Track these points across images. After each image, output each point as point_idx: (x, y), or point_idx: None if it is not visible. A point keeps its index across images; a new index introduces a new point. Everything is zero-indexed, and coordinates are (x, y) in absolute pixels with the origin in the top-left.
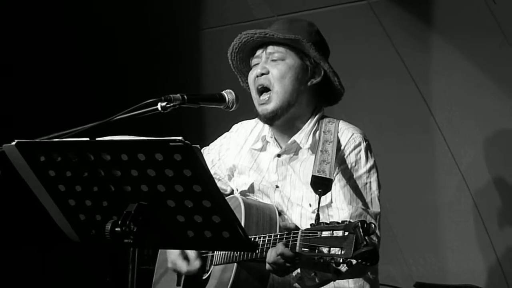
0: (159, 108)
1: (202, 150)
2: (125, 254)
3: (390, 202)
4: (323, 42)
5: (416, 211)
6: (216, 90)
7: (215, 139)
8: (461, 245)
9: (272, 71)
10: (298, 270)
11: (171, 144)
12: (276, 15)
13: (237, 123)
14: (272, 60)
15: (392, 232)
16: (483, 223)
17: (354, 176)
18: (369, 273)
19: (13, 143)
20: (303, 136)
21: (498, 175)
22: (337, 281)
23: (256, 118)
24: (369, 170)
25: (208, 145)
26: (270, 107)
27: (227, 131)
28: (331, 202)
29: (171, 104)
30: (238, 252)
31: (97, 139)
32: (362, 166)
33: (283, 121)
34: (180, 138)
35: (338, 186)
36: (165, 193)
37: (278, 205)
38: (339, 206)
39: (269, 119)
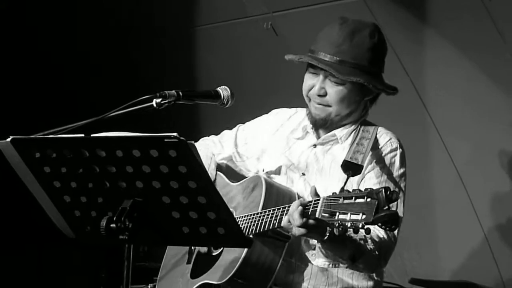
0: (154, 105)
1: (237, 127)
2: (120, 250)
3: None
4: (382, 55)
5: (412, 207)
6: (211, 86)
7: (210, 135)
8: (456, 241)
9: (331, 94)
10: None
11: (166, 140)
12: (271, 12)
13: (264, 113)
14: (330, 81)
15: None
16: (478, 219)
17: (385, 178)
18: (374, 275)
19: (8, 139)
20: (345, 133)
21: (493, 171)
22: (342, 278)
23: (297, 108)
24: (401, 176)
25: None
26: (324, 114)
27: (227, 128)
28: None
29: (166, 101)
30: (254, 225)
31: (92, 135)
32: (395, 170)
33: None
34: (175, 134)
35: (367, 184)
36: (160, 189)
37: (300, 192)
38: None
39: (319, 124)
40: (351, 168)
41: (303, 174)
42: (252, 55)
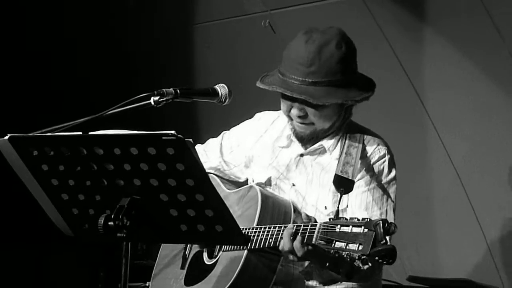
0: (152, 103)
1: (222, 134)
2: (119, 248)
3: None
4: (353, 61)
5: (410, 205)
6: (209, 84)
7: (208, 133)
8: (454, 239)
9: (311, 114)
10: (307, 263)
11: (163, 138)
12: (269, 9)
13: (260, 111)
14: (309, 103)
15: None
16: (476, 217)
17: (374, 186)
18: None
19: (6, 137)
20: (332, 143)
21: (491, 169)
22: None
23: (280, 111)
24: (389, 182)
25: (204, 137)
26: (309, 131)
27: (224, 125)
28: (347, 206)
29: (164, 99)
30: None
31: (89, 133)
32: (383, 177)
33: None
34: (172, 132)
35: (356, 192)
36: (158, 187)
37: (293, 202)
38: (355, 211)
39: (306, 140)
40: (343, 184)
41: (293, 184)
42: (250, 53)
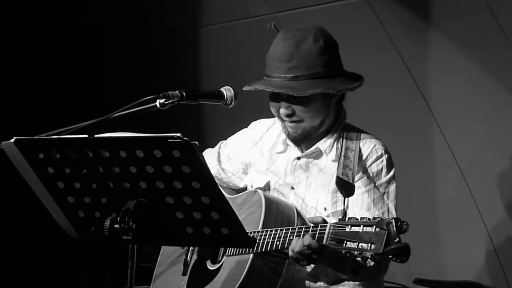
0: (158, 105)
1: (219, 144)
2: (124, 251)
3: None
4: (334, 53)
5: (415, 207)
6: (215, 87)
7: (214, 135)
8: (460, 240)
9: (298, 110)
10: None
11: (169, 140)
12: (275, 12)
13: (255, 120)
14: (293, 98)
15: None
16: (482, 218)
17: (373, 186)
18: None
19: (12, 140)
20: (328, 145)
21: (496, 171)
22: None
23: (275, 118)
24: (389, 182)
25: (212, 141)
26: (300, 130)
27: (229, 128)
28: (347, 207)
29: (170, 101)
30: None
31: (95, 136)
32: (382, 177)
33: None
34: (178, 134)
35: (357, 193)
36: (164, 189)
37: (295, 207)
38: (356, 212)
39: (299, 140)
40: (345, 187)
41: (292, 188)
42: (255, 56)
